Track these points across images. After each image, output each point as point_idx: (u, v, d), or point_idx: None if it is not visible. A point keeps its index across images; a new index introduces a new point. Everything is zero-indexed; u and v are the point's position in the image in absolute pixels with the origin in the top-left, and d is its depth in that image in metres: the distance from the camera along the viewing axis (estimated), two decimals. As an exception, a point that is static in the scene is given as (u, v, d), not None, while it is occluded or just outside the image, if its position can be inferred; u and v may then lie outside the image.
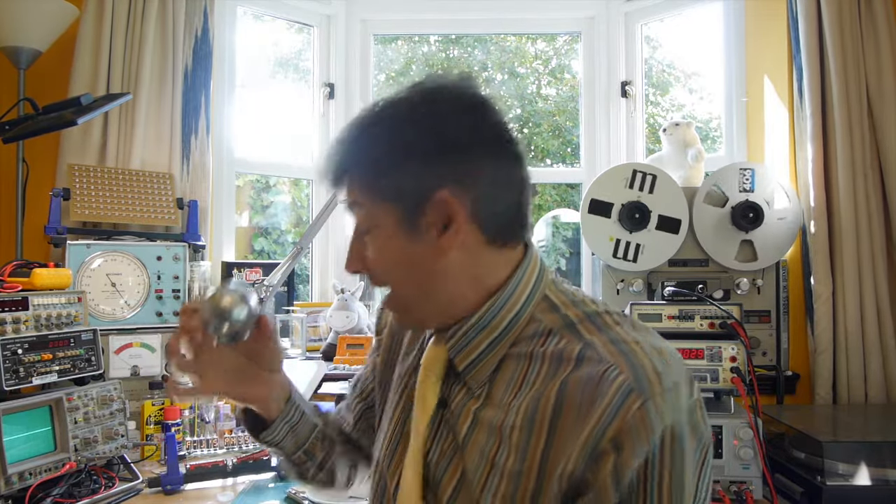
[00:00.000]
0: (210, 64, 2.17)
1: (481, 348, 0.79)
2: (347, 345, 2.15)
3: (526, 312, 0.79)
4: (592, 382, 0.70)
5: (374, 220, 0.78)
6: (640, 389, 0.67)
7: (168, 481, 1.51)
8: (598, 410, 0.68)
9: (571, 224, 3.21)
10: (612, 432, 0.67)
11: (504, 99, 5.54)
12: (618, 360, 0.70)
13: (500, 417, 0.75)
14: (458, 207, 0.74)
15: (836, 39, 1.90)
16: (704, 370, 1.55)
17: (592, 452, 0.67)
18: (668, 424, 0.67)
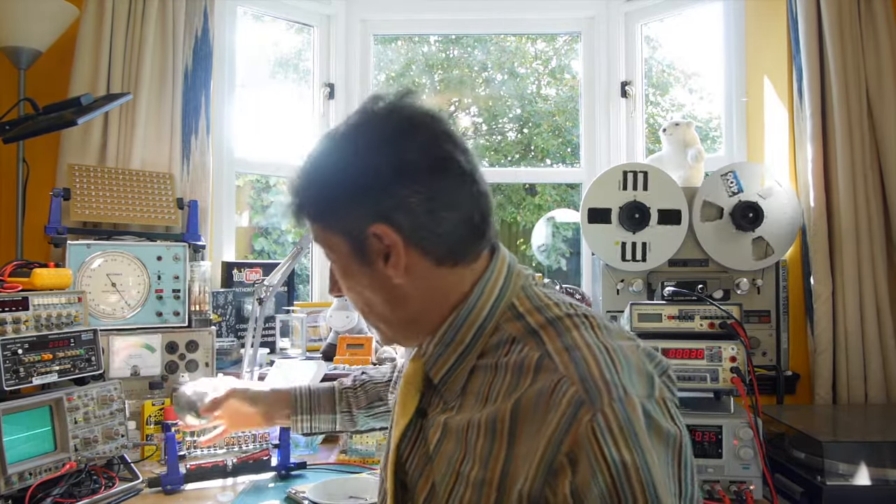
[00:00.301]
0: (210, 64, 2.17)
1: (451, 362, 0.81)
2: (347, 345, 2.15)
3: (490, 323, 0.80)
4: (545, 396, 0.70)
5: (332, 253, 0.82)
6: (591, 401, 0.67)
7: (168, 481, 1.51)
8: (552, 425, 0.68)
9: (571, 224, 3.21)
10: (566, 447, 0.66)
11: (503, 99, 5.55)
12: (569, 371, 0.70)
13: (465, 428, 0.76)
14: (394, 238, 0.75)
15: (836, 40, 1.90)
16: (704, 370, 1.55)
17: (549, 469, 0.67)
18: (622, 434, 0.65)
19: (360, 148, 0.77)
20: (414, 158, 0.75)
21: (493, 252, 0.84)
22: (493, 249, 0.84)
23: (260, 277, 2.30)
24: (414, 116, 0.78)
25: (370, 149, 0.76)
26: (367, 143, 0.77)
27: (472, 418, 0.76)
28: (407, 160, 0.75)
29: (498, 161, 5.62)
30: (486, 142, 5.75)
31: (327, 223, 0.80)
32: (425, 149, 0.76)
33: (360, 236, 0.77)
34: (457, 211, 0.77)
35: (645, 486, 0.64)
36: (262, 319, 1.96)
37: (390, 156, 0.75)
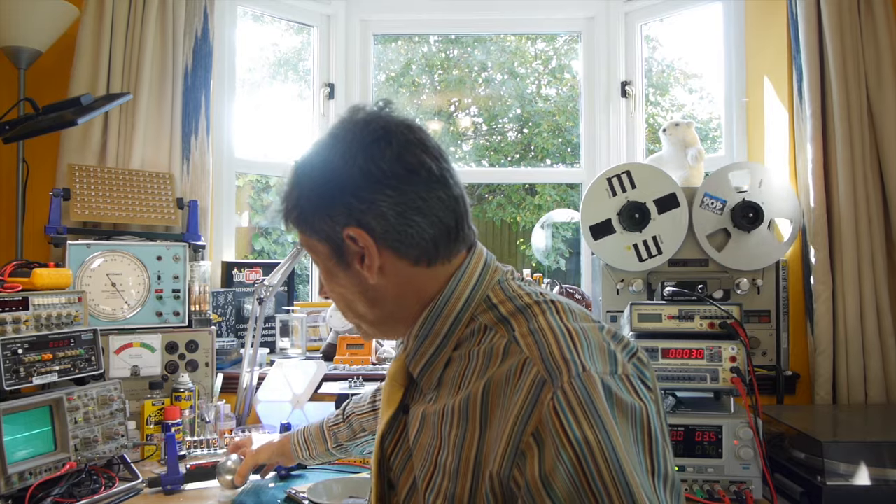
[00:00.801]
0: (210, 64, 2.17)
1: (429, 354, 0.85)
2: (347, 345, 2.15)
3: (465, 315, 0.83)
4: (512, 378, 0.73)
5: (314, 255, 0.88)
6: (551, 380, 0.69)
7: (168, 481, 1.51)
8: (517, 406, 0.70)
9: (571, 224, 3.21)
10: (531, 427, 0.68)
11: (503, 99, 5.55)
12: (532, 353, 0.73)
13: (440, 416, 0.79)
14: (367, 240, 0.80)
15: (836, 40, 1.90)
16: (704, 370, 1.55)
17: (517, 450, 0.69)
18: (582, 410, 0.66)
19: (337, 155, 0.82)
20: (385, 166, 0.79)
21: (470, 250, 0.87)
22: (469, 249, 0.88)
23: (260, 277, 2.30)
24: (389, 125, 0.82)
25: (346, 156, 0.81)
26: (343, 150, 0.81)
27: (446, 406, 0.79)
28: (378, 167, 0.79)
29: (498, 161, 5.62)
30: (486, 142, 5.75)
31: (308, 227, 0.85)
32: (397, 157, 0.80)
33: (337, 239, 0.82)
34: (428, 215, 0.81)
35: (609, 462, 0.64)
36: (262, 319, 1.96)
37: (363, 163, 0.79)
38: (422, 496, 0.79)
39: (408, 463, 0.84)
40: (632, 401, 0.70)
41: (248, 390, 1.96)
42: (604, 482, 0.63)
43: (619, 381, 0.71)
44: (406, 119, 0.84)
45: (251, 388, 1.97)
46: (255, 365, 1.98)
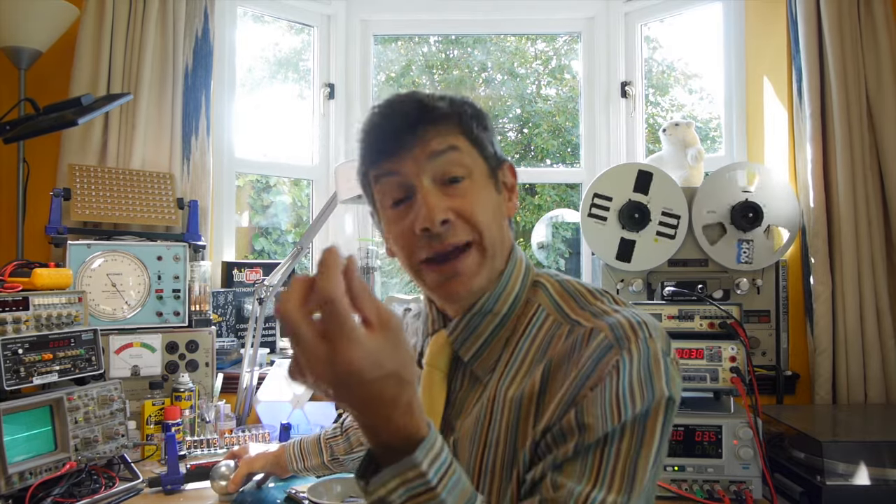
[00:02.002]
0: (210, 64, 2.17)
1: (486, 334, 0.83)
2: (347, 345, 2.14)
3: (523, 295, 0.85)
4: (577, 347, 0.76)
5: (471, 168, 0.83)
6: (619, 345, 0.73)
7: (168, 481, 1.51)
8: (579, 367, 0.73)
9: (571, 224, 3.21)
10: (591, 382, 0.72)
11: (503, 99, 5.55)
12: (598, 325, 0.76)
13: (489, 402, 0.80)
14: (515, 179, 0.90)
15: (836, 40, 1.90)
16: (704, 370, 1.55)
17: (573, 400, 0.72)
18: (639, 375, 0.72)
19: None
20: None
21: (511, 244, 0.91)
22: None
23: (260, 277, 2.30)
24: None
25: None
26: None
27: (499, 388, 0.80)
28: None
29: (498, 161, 5.61)
30: (486, 142, 5.74)
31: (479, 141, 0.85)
32: None
33: (498, 164, 0.88)
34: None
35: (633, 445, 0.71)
36: (262, 319, 1.96)
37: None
38: (474, 476, 0.78)
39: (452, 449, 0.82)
40: (678, 380, 0.76)
41: (248, 390, 1.96)
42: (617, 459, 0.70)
43: (671, 363, 0.76)
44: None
45: (251, 388, 1.97)
46: (255, 365, 1.98)
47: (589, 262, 2.41)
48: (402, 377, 0.59)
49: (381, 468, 0.61)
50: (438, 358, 0.85)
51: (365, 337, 0.56)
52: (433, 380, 0.85)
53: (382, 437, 0.61)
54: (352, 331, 0.55)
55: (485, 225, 0.81)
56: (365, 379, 0.56)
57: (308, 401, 1.95)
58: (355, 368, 0.55)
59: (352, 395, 0.58)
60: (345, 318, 0.55)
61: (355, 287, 0.57)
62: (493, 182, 0.86)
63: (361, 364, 0.56)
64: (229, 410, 1.89)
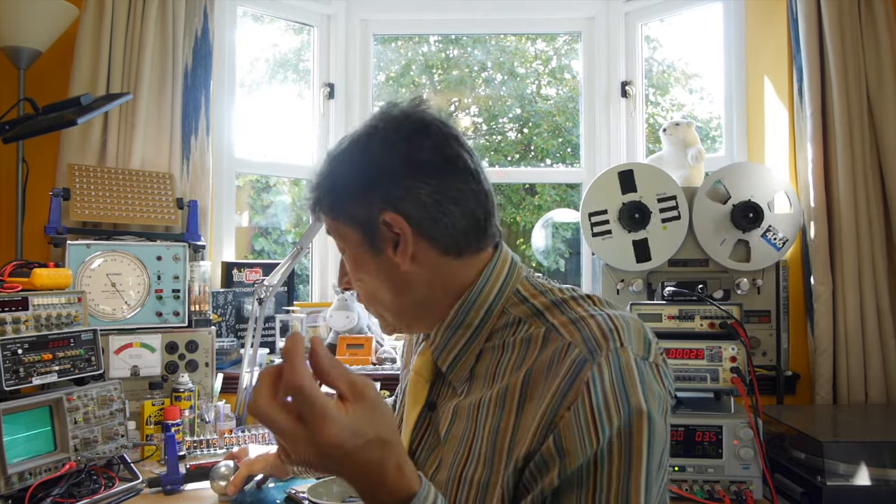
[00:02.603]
0: (210, 64, 2.16)
1: (459, 346, 0.85)
2: (347, 345, 2.15)
3: (497, 307, 0.84)
4: (554, 364, 0.74)
5: (344, 243, 0.87)
6: (592, 358, 0.72)
7: (168, 481, 1.50)
8: (555, 385, 0.72)
9: (571, 224, 3.21)
10: (568, 401, 0.70)
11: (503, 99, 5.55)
12: (574, 337, 0.75)
13: (475, 407, 0.80)
14: (403, 226, 0.81)
15: (836, 40, 1.90)
16: (704, 370, 1.55)
17: (551, 423, 0.70)
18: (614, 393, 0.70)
19: (377, 144, 0.83)
20: (425, 156, 0.82)
21: (497, 247, 0.89)
22: (496, 246, 0.89)
23: (260, 277, 2.30)
24: (426, 119, 0.85)
25: (386, 145, 0.83)
26: (382, 139, 0.83)
27: (482, 397, 0.79)
28: (418, 156, 0.81)
29: (498, 161, 5.62)
30: (486, 142, 5.75)
31: (342, 213, 0.85)
32: (435, 147, 0.82)
33: (371, 224, 0.82)
34: (462, 205, 0.83)
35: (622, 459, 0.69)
36: (262, 319, 1.96)
37: (403, 151, 0.82)
38: (454, 487, 0.78)
39: (434, 457, 0.83)
40: (657, 388, 0.73)
41: (248, 390, 1.96)
42: (609, 482, 0.68)
43: (650, 368, 0.74)
44: (440, 115, 0.86)
45: (251, 389, 1.97)
46: (255, 365, 1.98)
47: (589, 262, 2.41)
48: (385, 439, 0.62)
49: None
50: (423, 367, 0.89)
51: (339, 411, 0.60)
52: (417, 385, 0.89)
53: (379, 499, 0.64)
54: (324, 408, 0.58)
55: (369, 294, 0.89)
56: (348, 450, 0.60)
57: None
58: (336, 442, 0.59)
59: (341, 468, 0.61)
60: (314, 399, 0.58)
61: (324, 366, 0.60)
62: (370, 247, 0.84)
63: (340, 437, 0.59)
64: (229, 411, 1.89)
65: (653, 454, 0.70)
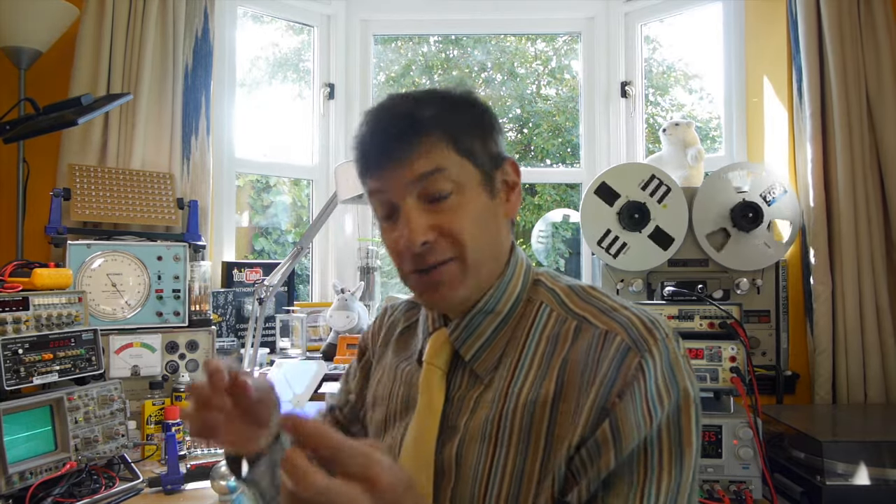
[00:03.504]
0: (210, 64, 2.17)
1: (487, 334, 0.83)
2: (347, 345, 2.15)
3: (524, 295, 0.85)
4: (593, 351, 0.75)
5: (460, 182, 0.80)
6: (637, 347, 0.73)
7: (168, 481, 1.51)
8: (601, 374, 0.73)
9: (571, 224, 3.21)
10: (617, 388, 0.71)
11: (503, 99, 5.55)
12: (611, 326, 0.76)
13: (501, 398, 0.79)
14: (517, 175, 0.87)
15: (836, 40, 1.90)
16: (704, 370, 1.55)
17: (602, 410, 0.72)
18: (663, 377, 0.72)
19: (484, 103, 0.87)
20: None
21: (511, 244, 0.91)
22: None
23: (260, 277, 2.30)
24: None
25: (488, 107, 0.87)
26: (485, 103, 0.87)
27: (509, 386, 0.79)
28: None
29: (498, 161, 5.61)
30: (485, 142, 5.73)
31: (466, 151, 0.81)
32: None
33: (496, 165, 0.84)
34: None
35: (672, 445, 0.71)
36: (262, 319, 1.96)
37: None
38: (483, 478, 0.76)
39: (455, 449, 0.79)
40: (691, 380, 0.76)
41: (249, 390, 1.96)
42: (661, 463, 0.70)
43: (686, 360, 0.77)
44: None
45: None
46: (255, 365, 1.98)
47: (589, 262, 2.42)
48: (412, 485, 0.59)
49: None
50: (438, 356, 0.85)
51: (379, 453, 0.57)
52: (432, 378, 0.85)
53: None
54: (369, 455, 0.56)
55: (469, 240, 0.80)
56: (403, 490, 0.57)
57: (308, 400, 1.95)
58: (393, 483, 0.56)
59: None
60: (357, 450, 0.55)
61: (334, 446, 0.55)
62: (486, 189, 0.82)
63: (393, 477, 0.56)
64: (229, 410, 1.89)
65: (699, 432, 0.74)
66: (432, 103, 0.81)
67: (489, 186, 0.83)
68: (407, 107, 0.81)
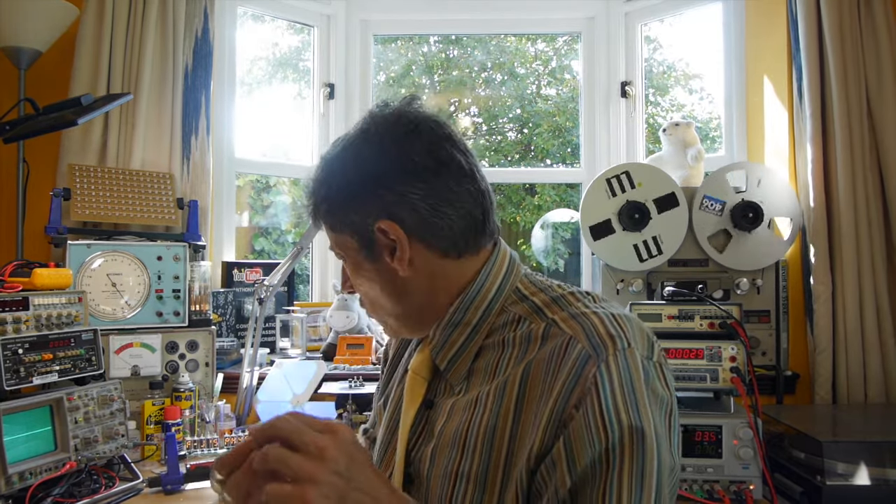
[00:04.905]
0: (210, 64, 2.17)
1: (458, 344, 0.84)
2: (347, 345, 2.15)
3: (497, 305, 0.84)
4: (555, 357, 0.74)
5: (343, 250, 0.87)
6: (597, 355, 0.71)
7: (168, 481, 1.51)
8: (561, 381, 0.72)
9: (571, 224, 3.21)
10: (575, 398, 0.70)
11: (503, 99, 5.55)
12: (576, 332, 0.75)
13: (472, 403, 0.79)
14: (398, 233, 0.80)
15: (836, 40, 1.90)
16: (704, 370, 1.55)
17: (560, 421, 0.70)
18: (622, 391, 0.70)
19: (368, 148, 0.82)
20: (417, 159, 0.80)
21: (496, 246, 0.88)
22: (495, 244, 0.88)
23: (260, 277, 2.30)
24: (419, 120, 0.83)
25: (376, 150, 0.81)
26: (373, 145, 0.82)
27: (479, 392, 0.79)
28: (410, 160, 0.80)
29: (498, 161, 5.62)
30: (486, 142, 5.75)
31: (338, 220, 0.84)
32: (428, 150, 0.81)
33: (367, 233, 0.82)
34: (458, 207, 0.81)
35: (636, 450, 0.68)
36: (262, 319, 1.96)
37: (395, 156, 0.80)
38: (449, 484, 0.77)
39: (429, 455, 0.81)
40: (661, 389, 0.73)
41: (248, 390, 1.96)
42: (620, 476, 0.67)
43: (654, 368, 0.74)
44: (434, 114, 0.85)
45: (251, 388, 1.97)
46: (255, 365, 1.98)
47: (589, 262, 2.42)
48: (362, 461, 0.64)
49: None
50: (421, 366, 0.88)
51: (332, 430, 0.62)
52: (415, 384, 0.88)
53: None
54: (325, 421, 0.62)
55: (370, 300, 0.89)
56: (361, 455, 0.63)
57: (308, 400, 1.95)
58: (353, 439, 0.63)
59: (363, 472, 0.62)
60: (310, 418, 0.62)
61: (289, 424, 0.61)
62: (368, 254, 0.84)
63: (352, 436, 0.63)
64: (229, 410, 1.89)
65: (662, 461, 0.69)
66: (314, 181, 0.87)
67: (369, 252, 0.84)
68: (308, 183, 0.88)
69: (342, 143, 0.85)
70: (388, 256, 0.82)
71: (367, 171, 0.81)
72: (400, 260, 0.81)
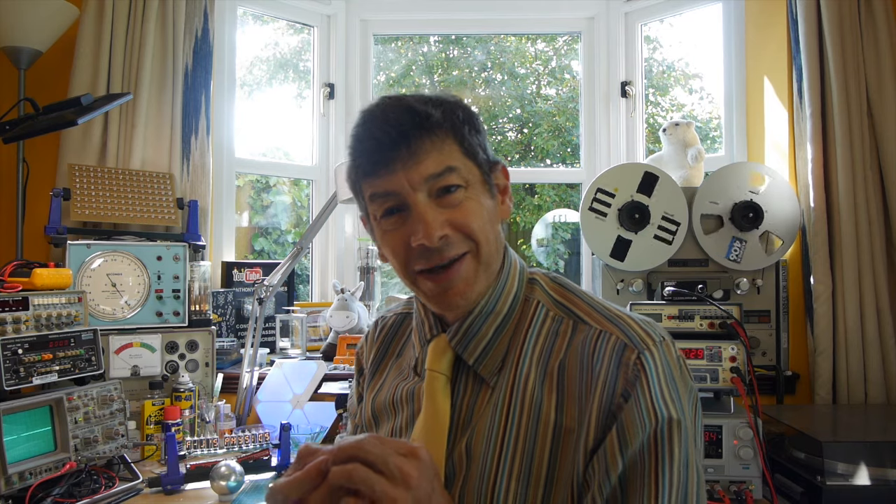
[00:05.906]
0: (210, 64, 2.17)
1: (489, 335, 0.83)
2: (347, 345, 2.15)
3: (521, 294, 0.85)
4: (588, 350, 0.76)
5: (467, 179, 0.82)
6: (634, 344, 0.74)
7: (168, 481, 1.51)
8: (601, 376, 0.74)
9: (571, 224, 3.21)
10: (620, 388, 0.73)
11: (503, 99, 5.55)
12: (605, 326, 0.78)
13: (505, 403, 0.79)
14: (508, 180, 0.88)
15: (836, 40, 1.90)
16: (704, 370, 1.55)
17: (609, 412, 0.73)
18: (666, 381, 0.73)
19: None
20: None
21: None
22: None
23: (260, 277, 2.30)
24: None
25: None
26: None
27: (514, 386, 0.80)
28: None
29: (498, 161, 5.61)
30: (485, 142, 5.74)
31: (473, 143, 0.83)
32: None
33: (492, 167, 0.86)
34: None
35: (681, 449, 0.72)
36: (262, 319, 1.96)
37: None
38: (490, 480, 0.76)
39: (464, 451, 0.79)
40: (691, 382, 0.77)
41: (248, 390, 1.96)
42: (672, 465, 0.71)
43: (682, 360, 0.78)
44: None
45: (251, 388, 1.97)
46: (255, 365, 1.98)
47: (589, 262, 2.41)
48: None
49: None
50: (440, 362, 0.84)
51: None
52: (437, 385, 0.83)
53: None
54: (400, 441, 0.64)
55: (481, 234, 0.80)
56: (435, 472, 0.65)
57: (308, 400, 1.95)
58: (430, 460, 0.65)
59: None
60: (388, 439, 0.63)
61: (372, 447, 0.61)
62: (487, 188, 0.83)
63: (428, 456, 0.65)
64: (229, 410, 1.89)
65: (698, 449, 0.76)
66: (435, 101, 0.82)
67: (489, 186, 0.84)
68: (411, 103, 0.80)
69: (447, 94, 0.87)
70: (499, 195, 0.86)
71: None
72: (509, 203, 0.88)
